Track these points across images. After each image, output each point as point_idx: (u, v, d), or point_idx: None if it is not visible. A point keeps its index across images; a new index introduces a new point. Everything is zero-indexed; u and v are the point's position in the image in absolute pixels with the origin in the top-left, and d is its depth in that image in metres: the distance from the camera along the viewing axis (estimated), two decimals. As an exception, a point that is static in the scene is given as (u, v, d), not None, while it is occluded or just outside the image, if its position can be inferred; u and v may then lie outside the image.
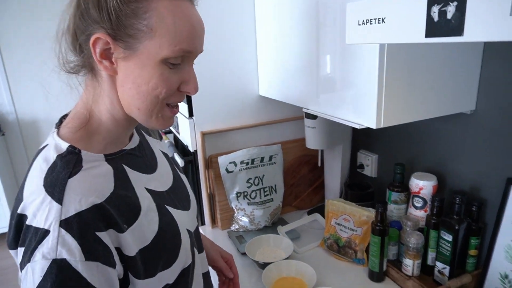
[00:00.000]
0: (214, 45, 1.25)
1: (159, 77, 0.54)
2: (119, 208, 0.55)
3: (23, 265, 0.49)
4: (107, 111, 0.58)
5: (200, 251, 0.77)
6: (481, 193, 1.00)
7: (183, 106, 1.35)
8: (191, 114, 1.30)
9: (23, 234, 0.50)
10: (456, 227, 0.93)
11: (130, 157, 0.63)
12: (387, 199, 1.14)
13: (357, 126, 0.85)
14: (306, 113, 1.25)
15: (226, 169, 1.28)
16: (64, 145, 0.56)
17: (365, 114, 0.83)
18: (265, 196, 1.33)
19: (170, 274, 0.62)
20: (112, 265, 0.52)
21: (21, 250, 0.50)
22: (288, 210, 1.48)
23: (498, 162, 0.94)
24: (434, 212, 0.98)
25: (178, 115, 1.45)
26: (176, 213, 0.66)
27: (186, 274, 0.67)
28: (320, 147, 1.30)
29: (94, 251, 0.50)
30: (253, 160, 1.30)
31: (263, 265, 1.08)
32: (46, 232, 0.48)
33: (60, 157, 0.54)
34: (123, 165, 0.61)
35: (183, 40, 0.54)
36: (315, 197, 1.53)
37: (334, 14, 0.87)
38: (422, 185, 1.04)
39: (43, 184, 0.52)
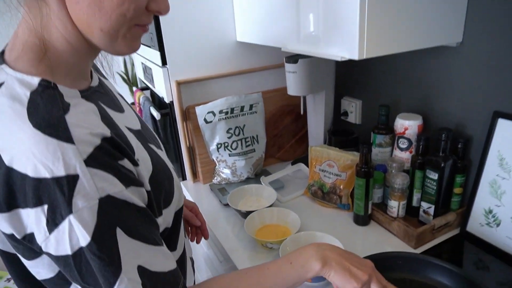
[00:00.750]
0: (185, -16, 1.15)
1: None
2: (124, 147, 0.50)
3: (54, 223, 0.43)
4: (62, 37, 0.48)
5: None
6: (467, 130, 0.97)
7: (155, 55, 1.26)
8: (164, 62, 1.22)
9: (32, 191, 0.42)
10: (442, 165, 0.90)
11: (100, 95, 0.55)
12: (371, 142, 1.11)
13: (339, 59, 0.79)
14: (286, 57, 1.18)
15: (205, 119, 1.22)
16: (34, 80, 0.46)
17: (347, 46, 0.77)
18: (246, 146, 1.28)
19: (169, 215, 0.60)
20: (142, 185, 0.51)
21: (30, 210, 0.43)
22: (271, 162, 1.45)
23: (485, 96, 0.90)
24: (420, 152, 0.95)
25: (151, 65, 1.36)
26: (159, 152, 0.63)
27: (179, 216, 0.64)
28: (302, 93, 1.24)
29: (126, 177, 0.47)
30: (232, 110, 1.24)
31: (246, 214, 1.05)
32: (74, 177, 0.42)
33: (36, 93, 0.45)
34: (100, 103, 0.53)
35: None
36: (299, 148, 1.49)
37: None
38: (407, 125, 1.00)
39: (34, 125, 0.43)
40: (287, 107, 1.41)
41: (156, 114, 1.32)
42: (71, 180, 0.42)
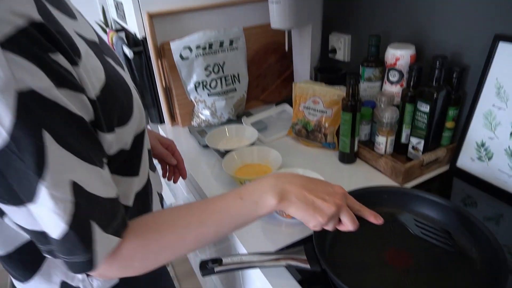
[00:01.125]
0: None
1: None
2: (59, 39, 0.40)
3: None
4: None
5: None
6: (463, 59, 0.89)
7: (123, -18, 1.13)
8: (133, -10, 1.09)
9: None
10: (435, 96, 0.83)
11: None
12: (360, 77, 1.03)
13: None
14: (269, -16, 1.07)
15: (181, 56, 1.12)
16: None
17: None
18: (227, 85, 1.19)
19: (125, 135, 0.52)
20: (82, 90, 0.42)
21: None
22: (255, 105, 1.37)
23: (485, 19, 0.82)
24: (411, 84, 0.88)
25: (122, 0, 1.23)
26: (118, 68, 0.54)
27: (141, 140, 0.57)
28: (286, 27, 1.14)
29: (59, 75, 0.39)
30: (210, 45, 1.13)
31: (225, 154, 0.99)
32: None
33: None
34: None
35: None
36: (284, 89, 1.40)
37: None
38: (399, 55, 0.92)
39: None
40: (272, 44, 1.31)
41: (129, 52, 1.21)
42: None
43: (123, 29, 1.58)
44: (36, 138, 0.37)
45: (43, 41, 0.38)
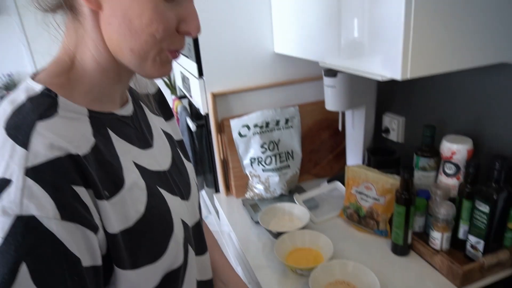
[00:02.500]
0: (223, -2, 1.14)
1: (153, 10, 0.45)
2: (97, 173, 0.44)
3: None
4: (92, 57, 0.48)
5: (199, 253, 0.65)
6: (526, 158, 0.87)
7: (192, 66, 1.26)
8: (200, 73, 1.21)
9: None
10: (495, 197, 0.81)
11: (120, 124, 0.53)
12: (414, 165, 1.03)
13: (380, 78, 0.74)
14: (325, 71, 1.13)
15: (239, 133, 1.20)
16: (38, 87, 0.45)
17: (389, 64, 0.71)
18: (281, 162, 1.24)
19: (154, 272, 0.50)
20: (94, 229, 0.42)
21: None
22: (306, 178, 1.40)
23: (550, 122, 0.80)
24: (469, 180, 0.86)
25: (189, 75, 1.37)
26: (170, 198, 0.55)
27: (174, 279, 0.55)
28: (340, 109, 1.18)
29: (71, 208, 0.40)
30: (267, 124, 1.21)
31: (277, 235, 1.01)
32: (7, 183, 0.37)
33: (31, 99, 0.44)
34: (108, 129, 0.50)
35: None
36: (336, 164, 1.42)
37: None
38: (455, 149, 0.92)
39: (5, 126, 0.41)
40: (325, 121, 1.36)
41: (192, 126, 1.32)
42: (1, 185, 0.38)
43: (186, 96, 1.73)
44: (9, 270, 0.36)
45: (71, 173, 0.41)
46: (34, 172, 0.38)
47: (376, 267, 0.84)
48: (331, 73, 1.11)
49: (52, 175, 0.39)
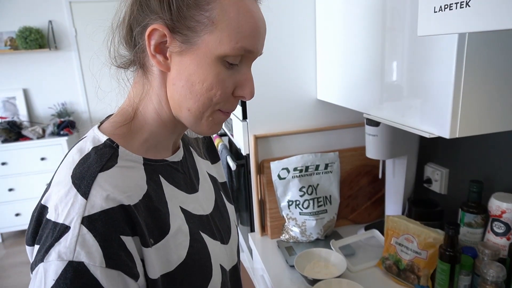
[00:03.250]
0: (271, 46, 1.20)
1: (215, 77, 0.50)
2: (146, 219, 0.49)
3: (35, 264, 0.43)
4: (154, 110, 0.54)
5: None
6: None
7: (237, 108, 1.32)
8: (245, 116, 1.26)
9: (41, 229, 0.45)
10: (549, 262, 0.77)
11: (170, 169, 0.58)
12: (459, 220, 1.00)
13: (427, 135, 0.74)
14: (367, 119, 1.15)
15: (279, 176, 1.22)
16: (103, 138, 0.52)
17: (437, 122, 0.72)
18: (318, 206, 1.24)
19: None
20: (135, 277, 0.46)
21: (36, 247, 0.45)
22: (343, 224, 1.38)
23: None
24: (520, 241, 0.83)
25: (232, 116, 1.42)
26: (211, 243, 0.58)
27: None
28: (381, 158, 1.18)
29: (116, 257, 0.44)
30: (307, 168, 1.22)
31: (313, 282, 1.00)
32: (66, 229, 0.43)
33: (96, 149, 0.50)
34: (160, 176, 0.55)
35: (245, 37, 0.49)
36: (374, 211, 1.40)
37: (403, 10, 0.77)
38: (506, 208, 0.89)
39: (71, 175, 0.47)
40: (365, 167, 1.35)
41: (232, 165, 1.36)
42: (61, 230, 0.43)
43: (225, 134, 1.78)
44: None
45: (121, 223, 0.45)
46: (89, 221, 0.43)
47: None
48: (374, 122, 1.12)
49: (103, 226, 0.44)
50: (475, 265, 0.91)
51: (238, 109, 1.29)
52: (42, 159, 3.09)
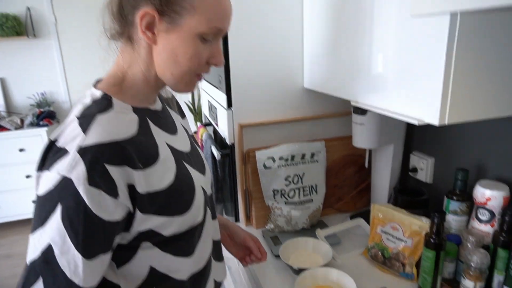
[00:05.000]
0: (258, 33, 1.17)
1: (195, 50, 0.63)
2: (137, 150, 0.60)
3: (41, 171, 0.57)
4: (142, 73, 0.66)
5: (213, 218, 0.81)
6: None
7: (221, 96, 1.29)
8: (230, 104, 1.23)
9: (50, 152, 0.57)
10: (533, 248, 0.77)
11: (155, 115, 0.70)
12: (444, 208, 1.00)
13: (416, 122, 0.73)
14: (354, 108, 1.14)
15: (264, 165, 1.20)
16: (99, 93, 0.64)
17: (426, 108, 0.71)
18: (304, 196, 1.23)
19: (181, 224, 0.66)
20: (114, 195, 0.56)
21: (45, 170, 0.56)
22: (329, 213, 1.37)
23: None
24: (505, 228, 0.83)
25: (217, 105, 1.39)
26: (193, 171, 0.72)
27: (193, 232, 0.70)
28: (368, 146, 1.18)
29: (98, 179, 0.54)
30: (293, 157, 1.20)
31: (298, 271, 0.99)
32: (66, 153, 0.55)
33: (95, 101, 0.63)
34: (147, 119, 0.67)
35: (218, 19, 0.63)
36: (359, 200, 1.40)
37: (393, -10, 0.75)
38: (490, 195, 0.89)
39: (78, 116, 0.60)
40: (351, 156, 1.35)
41: (217, 154, 1.33)
42: (62, 153, 0.55)
43: (210, 123, 1.75)
44: (52, 206, 0.54)
45: (107, 155, 0.55)
46: (83, 151, 0.55)
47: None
48: (361, 110, 1.11)
49: (92, 155, 0.55)
50: (460, 252, 0.92)
51: (223, 97, 1.26)
52: (21, 150, 2.99)
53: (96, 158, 0.55)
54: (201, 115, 3.08)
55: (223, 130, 1.34)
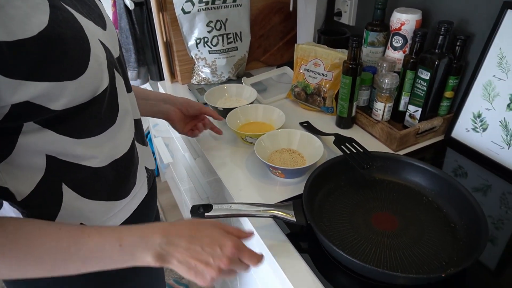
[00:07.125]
0: None
1: None
2: None
3: None
4: None
5: (128, 90, 0.64)
6: (469, 27, 0.87)
7: None
8: None
9: None
10: (436, 63, 0.82)
11: None
12: (363, 41, 1.01)
13: None
14: None
15: (183, 9, 1.09)
16: None
17: None
18: (228, 43, 1.17)
19: (73, 91, 0.48)
20: None
21: None
22: (255, 66, 1.35)
23: (497, -14, 0.79)
24: (414, 51, 0.87)
25: None
26: (81, 18, 0.51)
27: (99, 105, 0.53)
28: (292, -15, 1.11)
29: None
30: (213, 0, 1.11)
31: (224, 112, 0.99)
32: None
33: None
34: None
35: None
36: (286, 52, 1.38)
37: None
38: (405, 19, 0.90)
39: None
40: (276, 3, 1.28)
41: (129, 3, 1.18)
42: None
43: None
44: None
45: None
46: None
47: (320, 139, 0.86)
48: None
49: None
50: (374, 80, 0.96)
51: None
52: None
53: None
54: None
55: (134, -26, 1.17)
